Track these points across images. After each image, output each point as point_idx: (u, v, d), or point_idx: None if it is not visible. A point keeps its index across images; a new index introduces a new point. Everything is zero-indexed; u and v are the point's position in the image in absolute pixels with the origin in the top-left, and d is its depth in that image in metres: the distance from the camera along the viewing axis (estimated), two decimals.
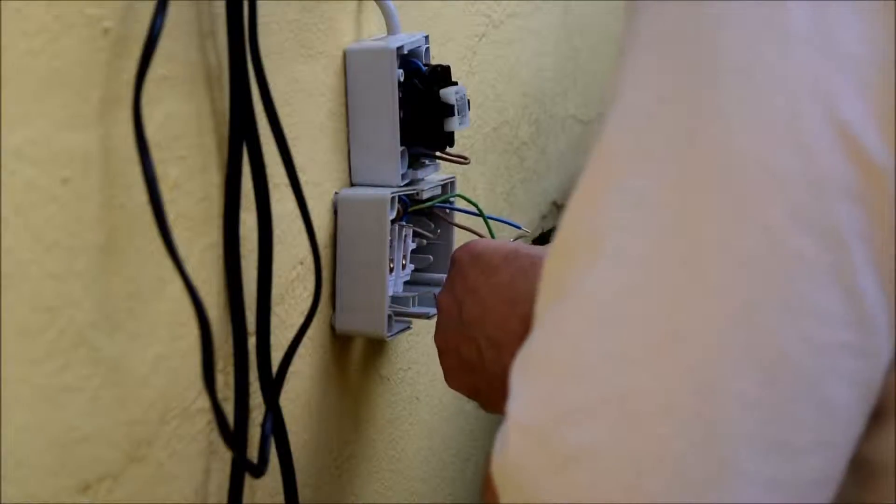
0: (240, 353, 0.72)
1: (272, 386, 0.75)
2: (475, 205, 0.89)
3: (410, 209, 0.86)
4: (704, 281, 0.46)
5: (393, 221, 0.83)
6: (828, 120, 0.45)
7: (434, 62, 0.86)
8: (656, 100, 0.48)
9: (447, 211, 0.89)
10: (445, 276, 0.90)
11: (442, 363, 0.82)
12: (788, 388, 0.46)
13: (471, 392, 0.81)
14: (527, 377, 0.49)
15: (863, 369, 0.47)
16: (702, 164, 0.46)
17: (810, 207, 0.45)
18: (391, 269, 0.84)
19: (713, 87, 0.47)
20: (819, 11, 0.46)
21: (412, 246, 0.87)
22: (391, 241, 0.83)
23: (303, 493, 0.81)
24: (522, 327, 0.64)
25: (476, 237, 0.85)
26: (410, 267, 0.87)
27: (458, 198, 0.89)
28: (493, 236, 0.87)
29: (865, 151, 0.45)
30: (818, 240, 0.45)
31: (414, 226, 0.87)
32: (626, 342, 0.47)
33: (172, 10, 0.63)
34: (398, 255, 0.85)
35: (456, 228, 0.90)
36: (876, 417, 0.49)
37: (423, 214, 0.88)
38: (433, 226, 0.89)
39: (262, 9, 0.71)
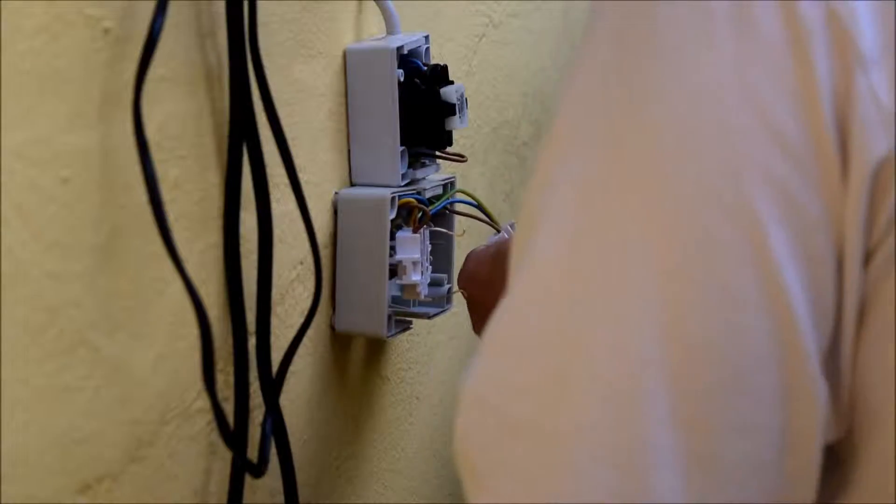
0: (240, 353, 0.72)
1: (272, 386, 0.75)
2: (475, 198, 0.89)
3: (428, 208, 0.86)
4: (626, 264, 0.46)
5: (422, 224, 0.83)
6: (749, 103, 0.46)
7: (434, 62, 0.86)
8: (598, 90, 0.49)
9: (447, 211, 0.89)
10: (445, 275, 0.90)
11: None
12: (707, 370, 0.46)
13: None
14: (483, 349, 0.51)
15: (780, 351, 0.46)
16: (625, 146, 0.47)
17: (728, 190, 0.46)
18: (421, 273, 0.84)
19: (639, 70, 0.47)
20: (739, 9, 0.46)
21: (429, 248, 0.87)
22: (421, 243, 0.83)
23: (303, 493, 0.81)
24: None
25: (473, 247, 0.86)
26: (430, 269, 0.87)
27: (458, 192, 0.89)
28: (494, 222, 0.88)
29: (787, 139, 0.45)
30: (734, 222, 0.45)
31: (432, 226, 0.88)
32: (558, 323, 0.48)
33: (172, 10, 0.63)
34: (426, 256, 0.85)
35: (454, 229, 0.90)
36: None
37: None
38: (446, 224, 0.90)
39: (262, 9, 0.71)
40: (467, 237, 0.94)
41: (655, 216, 0.46)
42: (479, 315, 0.85)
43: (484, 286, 0.83)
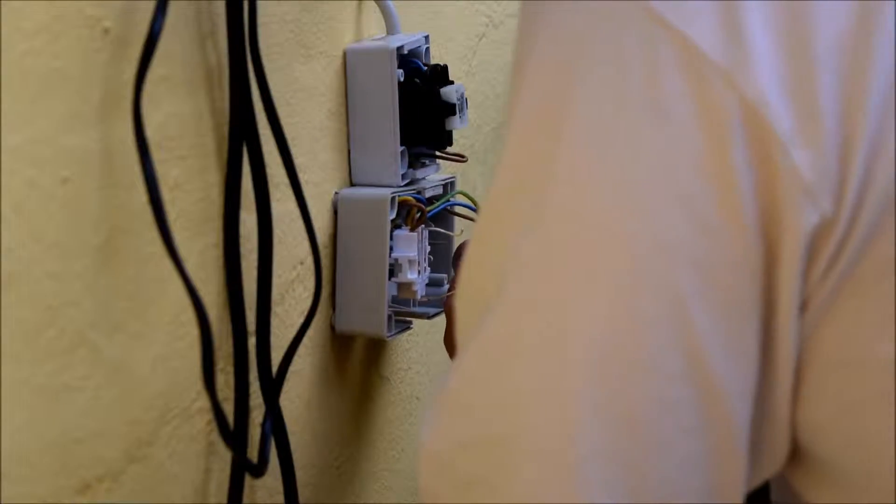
0: (240, 353, 0.72)
1: (272, 386, 0.75)
2: (474, 200, 0.89)
3: (427, 209, 0.86)
4: (561, 340, 0.49)
5: (419, 223, 0.83)
6: (670, 186, 0.47)
7: (434, 62, 0.86)
8: (524, 162, 0.51)
9: (447, 212, 0.89)
10: (445, 276, 0.90)
11: None
12: (638, 441, 0.49)
13: None
14: (436, 407, 0.54)
15: (707, 420, 0.49)
16: (558, 226, 0.49)
17: (653, 271, 0.48)
18: (419, 272, 0.84)
19: (562, 155, 0.49)
20: (651, 79, 0.47)
21: (428, 248, 0.87)
22: (418, 242, 0.83)
23: (303, 493, 0.81)
24: None
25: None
26: (428, 270, 0.87)
27: (458, 195, 0.89)
28: None
29: (706, 220, 0.47)
30: (659, 302, 0.48)
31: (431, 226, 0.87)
32: (505, 389, 0.51)
33: (172, 10, 0.63)
34: (424, 256, 0.85)
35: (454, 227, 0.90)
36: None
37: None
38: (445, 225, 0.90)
39: (262, 9, 0.71)
40: (465, 237, 0.94)
41: (588, 299, 0.49)
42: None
43: None
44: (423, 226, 0.84)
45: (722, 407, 0.49)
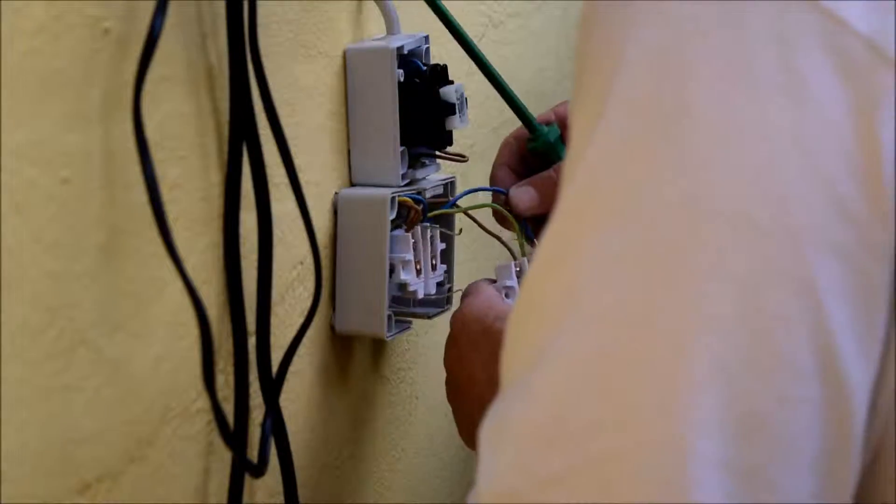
0: (240, 353, 0.72)
1: (272, 386, 0.75)
2: (517, 224, 0.86)
3: (432, 214, 0.85)
4: (675, 343, 0.45)
5: (413, 224, 0.83)
6: (807, 170, 0.44)
7: (434, 62, 0.86)
8: (625, 154, 0.47)
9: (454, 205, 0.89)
10: (445, 276, 0.90)
11: (455, 419, 0.82)
12: (760, 447, 0.45)
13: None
14: (502, 444, 0.48)
15: (831, 419, 0.46)
16: (671, 218, 0.45)
17: (788, 261, 0.44)
18: (419, 272, 0.84)
19: (682, 139, 0.45)
20: (786, 52, 0.44)
21: (441, 246, 0.86)
22: (415, 242, 0.83)
23: (303, 493, 0.81)
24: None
25: (475, 281, 0.84)
26: (442, 268, 0.87)
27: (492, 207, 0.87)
28: (523, 253, 0.86)
29: (847, 204, 0.44)
30: (792, 295, 0.44)
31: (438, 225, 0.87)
32: (602, 408, 0.46)
33: (172, 10, 0.63)
34: (426, 256, 0.85)
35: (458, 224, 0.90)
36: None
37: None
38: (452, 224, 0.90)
39: (262, 9, 0.71)
40: (464, 236, 0.94)
41: (712, 294, 0.44)
42: (451, 388, 0.82)
43: (463, 361, 0.80)
44: (422, 225, 0.84)
45: (846, 406, 0.45)
